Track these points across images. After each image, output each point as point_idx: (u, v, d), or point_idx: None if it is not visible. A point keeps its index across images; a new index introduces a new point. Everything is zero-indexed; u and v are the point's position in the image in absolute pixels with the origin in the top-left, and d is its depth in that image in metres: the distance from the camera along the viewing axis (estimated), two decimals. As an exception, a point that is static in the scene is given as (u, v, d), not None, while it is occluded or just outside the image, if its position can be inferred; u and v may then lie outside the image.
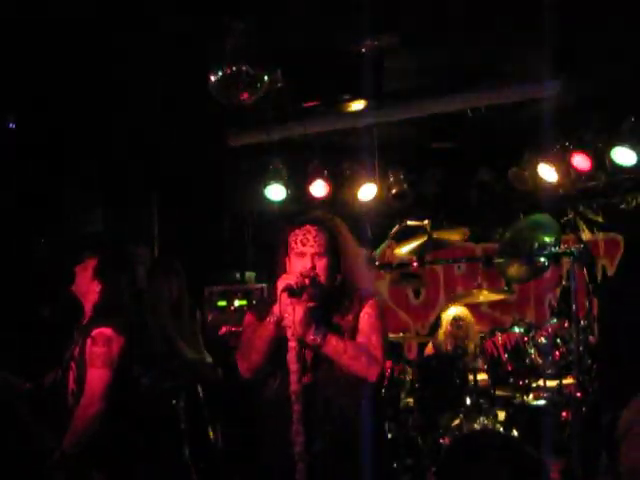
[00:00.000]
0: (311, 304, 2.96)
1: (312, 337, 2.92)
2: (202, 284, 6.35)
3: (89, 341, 3.59)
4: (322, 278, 2.99)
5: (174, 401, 4.50)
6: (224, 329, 4.54)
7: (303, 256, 3.01)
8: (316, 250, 3.01)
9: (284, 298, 2.89)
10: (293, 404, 2.89)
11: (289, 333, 2.91)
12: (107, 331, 3.59)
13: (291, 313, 2.88)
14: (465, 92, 5.31)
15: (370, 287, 3.24)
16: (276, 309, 2.93)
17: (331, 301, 3.06)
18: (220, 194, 7.17)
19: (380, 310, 3.09)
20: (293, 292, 2.89)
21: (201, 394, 4.68)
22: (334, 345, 2.93)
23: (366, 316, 3.03)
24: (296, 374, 2.91)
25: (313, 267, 2.99)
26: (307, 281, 2.93)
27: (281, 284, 2.91)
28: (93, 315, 3.71)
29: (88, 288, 3.76)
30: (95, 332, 3.60)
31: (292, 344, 2.92)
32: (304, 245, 3.02)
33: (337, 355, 2.93)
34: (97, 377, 3.53)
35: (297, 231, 3.06)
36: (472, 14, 4.25)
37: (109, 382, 3.52)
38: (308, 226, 3.05)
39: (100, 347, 3.55)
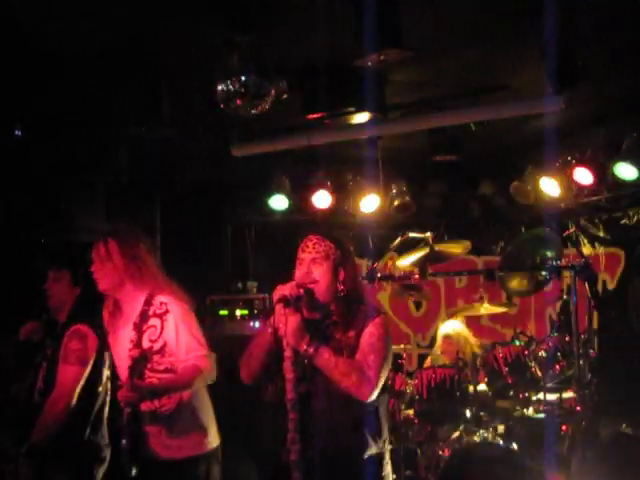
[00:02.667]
0: (305, 315, 2.99)
1: (305, 348, 2.92)
2: (204, 293, 6.37)
3: (66, 338, 3.66)
4: (319, 284, 3.01)
5: None
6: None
7: (302, 263, 3.05)
8: (313, 256, 3.04)
9: (279, 309, 2.92)
10: (289, 412, 2.92)
11: (284, 343, 2.94)
12: (83, 328, 3.68)
13: (285, 323, 2.90)
14: (468, 106, 5.33)
15: (374, 303, 3.20)
16: (272, 319, 2.95)
17: (333, 315, 3.06)
18: (223, 204, 7.19)
19: (385, 329, 3.04)
20: (287, 302, 2.92)
21: None
22: (326, 358, 2.92)
23: (367, 335, 3.00)
24: (291, 383, 2.93)
25: (309, 272, 3.01)
26: (301, 291, 2.96)
27: (276, 295, 2.95)
28: (69, 315, 3.79)
29: (66, 298, 3.84)
30: (72, 329, 3.68)
31: (287, 354, 2.95)
32: (303, 252, 3.06)
33: (328, 369, 2.92)
34: (69, 373, 3.59)
35: (301, 241, 3.11)
36: (476, 29, 4.28)
37: (80, 378, 3.58)
38: (311, 235, 3.10)
39: (75, 343, 3.64)
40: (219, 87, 4.04)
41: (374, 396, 2.95)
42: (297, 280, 3.01)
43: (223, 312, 6.43)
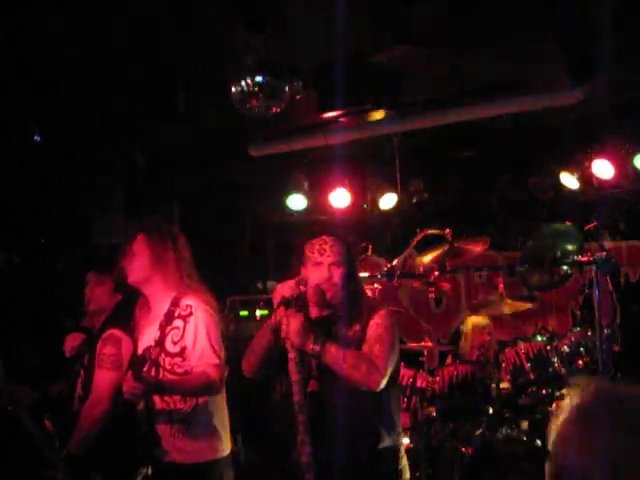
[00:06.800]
0: (315, 313, 3.00)
1: (311, 347, 2.90)
2: (224, 294, 6.39)
3: (100, 343, 3.65)
4: (339, 287, 3.02)
5: None
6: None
7: (320, 266, 3.03)
8: (333, 260, 3.03)
9: (281, 311, 2.92)
10: (297, 415, 2.89)
11: (288, 344, 2.93)
12: (117, 332, 3.65)
13: (287, 324, 2.90)
14: (486, 101, 5.30)
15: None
16: (273, 317, 2.98)
17: (339, 311, 3.06)
18: (242, 204, 7.20)
19: (390, 320, 3.06)
20: (288, 303, 2.91)
21: None
22: (333, 354, 2.90)
23: (374, 326, 3.01)
24: (298, 385, 2.91)
25: (330, 277, 3.01)
26: (302, 289, 2.95)
27: (276, 296, 2.95)
28: (105, 321, 3.78)
29: (106, 304, 3.82)
30: (106, 334, 3.66)
31: (291, 355, 2.93)
32: (321, 255, 3.04)
33: (337, 364, 2.90)
34: (105, 378, 3.57)
35: (314, 241, 3.09)
36: (492, 24, 4.25)
37: (116, 383, 3.53)
38: (325, 237, 3.08)
39: (110, 348, 3.61)
40: (234, 88, 4.04)
41: (383, 385, 2.93)
42: (317, 283, 2.99)
43: (243, 313, 6.45)
